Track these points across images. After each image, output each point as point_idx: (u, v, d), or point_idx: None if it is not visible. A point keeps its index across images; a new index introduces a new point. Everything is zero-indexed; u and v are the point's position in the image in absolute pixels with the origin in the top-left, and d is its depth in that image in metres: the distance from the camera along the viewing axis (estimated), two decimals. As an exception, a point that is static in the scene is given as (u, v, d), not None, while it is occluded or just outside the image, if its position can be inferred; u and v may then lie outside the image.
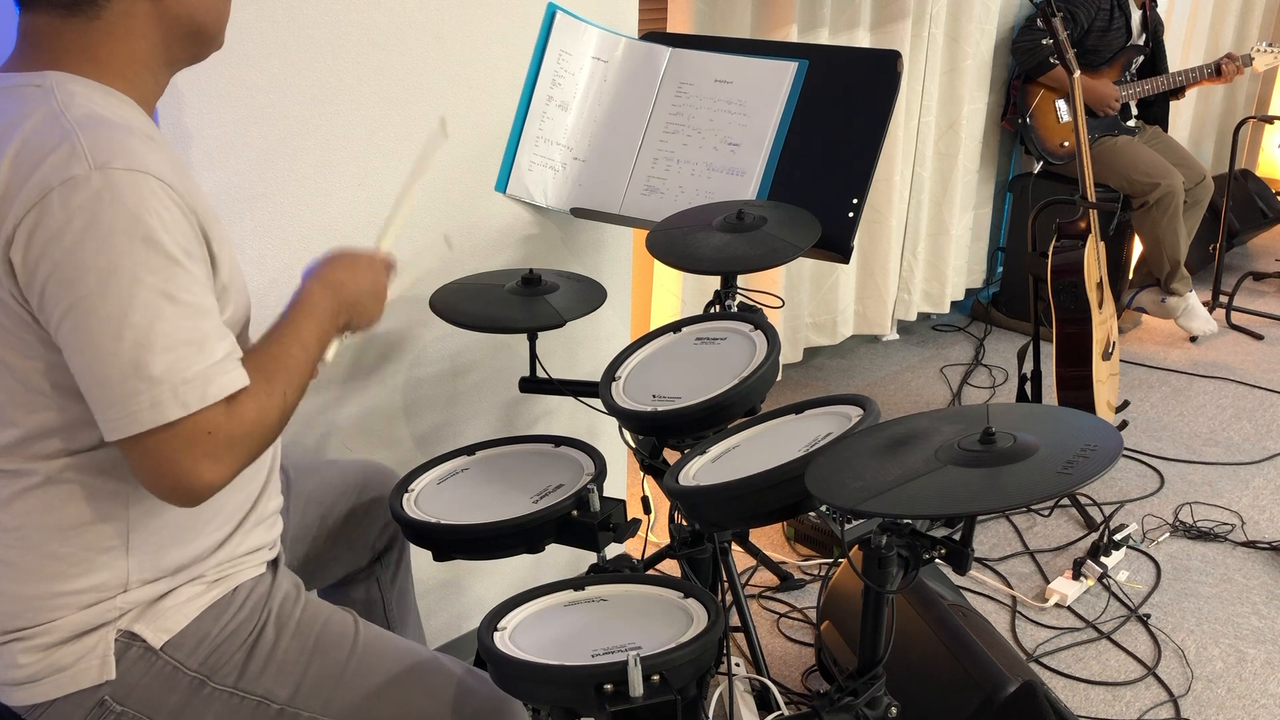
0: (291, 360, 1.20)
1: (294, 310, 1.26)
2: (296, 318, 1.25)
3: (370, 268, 1.36)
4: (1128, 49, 3.75)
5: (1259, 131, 5.34)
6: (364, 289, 1.33)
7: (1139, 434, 3.25)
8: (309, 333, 1.24)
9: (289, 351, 1.20)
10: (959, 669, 1.79)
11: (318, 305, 1.27)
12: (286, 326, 1.24)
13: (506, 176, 2.01)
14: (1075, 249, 2.75)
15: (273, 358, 1.19)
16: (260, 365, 1.16)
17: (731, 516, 1.41)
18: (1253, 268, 4.54)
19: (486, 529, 1.48)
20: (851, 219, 1.88)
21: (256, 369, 1.15)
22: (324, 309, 1.27)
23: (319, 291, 1.28)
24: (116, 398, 1.05)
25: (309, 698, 1.27)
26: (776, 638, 2.34)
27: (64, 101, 1.09)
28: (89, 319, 1.04)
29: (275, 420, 1.15)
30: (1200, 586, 2.54)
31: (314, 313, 1.26)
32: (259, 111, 1.64)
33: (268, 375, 1.16)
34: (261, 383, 1.14)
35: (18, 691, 1.19)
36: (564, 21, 2.03)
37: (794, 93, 1.99)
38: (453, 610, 2.19)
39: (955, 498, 1.15)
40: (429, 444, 2.03)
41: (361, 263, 1.35)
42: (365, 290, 1.33)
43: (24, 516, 1.16)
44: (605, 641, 1.29)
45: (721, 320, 1.68)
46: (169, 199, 1.07)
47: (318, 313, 1.26)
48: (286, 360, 1.19)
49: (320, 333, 1.26)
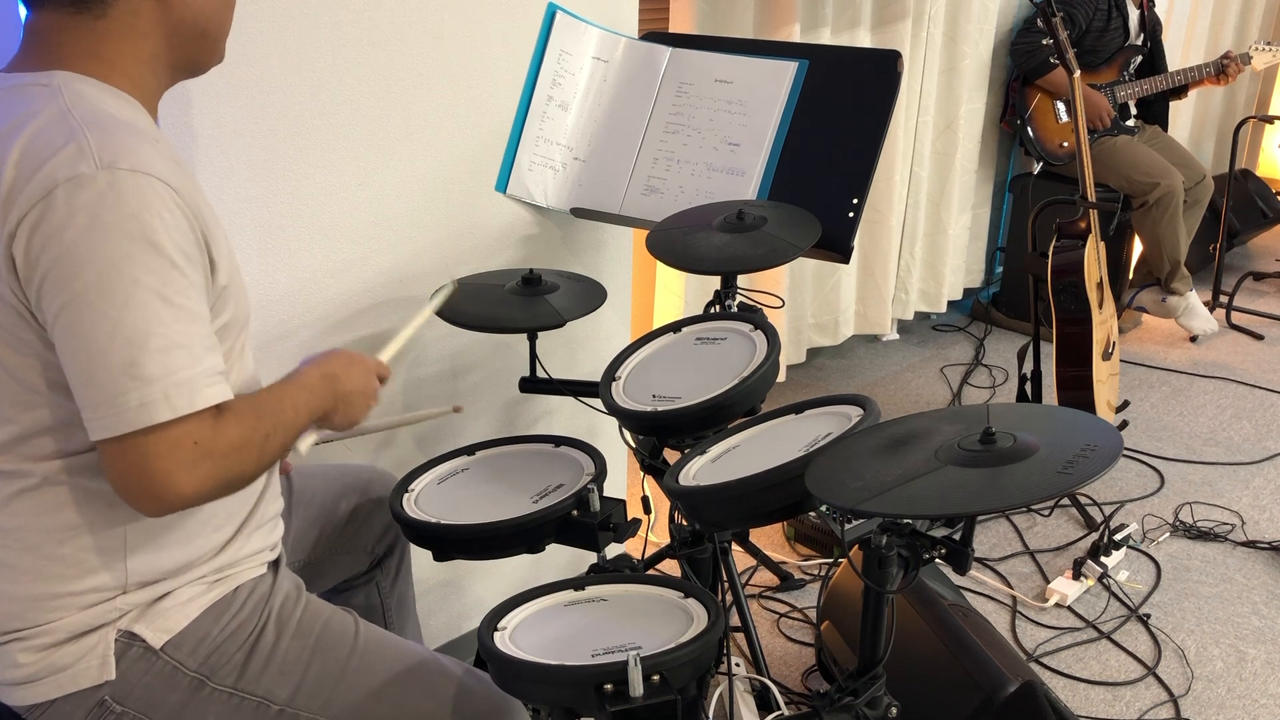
0: (281, 414, 1.20)
1: (288, 379, 1.27)
2: (290, 385, 1.26)
3: (366, 371, 1.36)
4: (1126, 49, 3.75)
5: (1259, 131, 5.34)
6: (356, 388, 1.34)
7: (1139, 434, 3.25)
8: (300, 400, 1.24)
9: (280, 406, 1.21)
10: (959, 669, 1.79)
11: (312, 385, 1.28)
12: (280, 388, 1.25)
13: (506, 176, 2.01)
14: (1075, 249, 2.75)
15: (265, 403, 1.20)
16: (254, 403, 1.17)
17: (731, 516, 1.41)
18: (1253, 268, 4.54)
19: (486, 529, 1.48)
20: (852, 219, 1.88)
21: (249, 404, 1.16)
22: (316, 391, 1.28)
23: (315, 375, 1.29)
24: (106, 396, 1.05)
25: (309, 698, 1.27)
26: (776, 638, 2.34)
27: (71, 100, 1.09)
28: (84, 315, 1.04)
29: (254, 456, 1.15)
30: (1200, 586, 2.54)
31: (307, 387, 1.27)
32: (259, 111, 1.64)
33: (258, 413, 1.16)
34: (251, 416, 1.15)
35: (18, 691, 1.19)
36: (564, 21, 2.03)
37: (794, 93, 1.99)
38: (453, 610, 2.19)
39: (955, 498, 1.15)
40: (429, 444, 2.03)
41: (358, 364, 1.36)
42: (356, 390, 1.34)
43: (22, 518, 1.16)
44: (605, 641, 1.29)
45: (721, 320, 1.68)
46: (172, 202, 1.08)
47: (310, 388, 1.27)
48: (277, 411, 1.20)
49: (309, 407, 1.26)
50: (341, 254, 1.81)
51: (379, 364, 1.40)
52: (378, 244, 1.85)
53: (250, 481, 1.18)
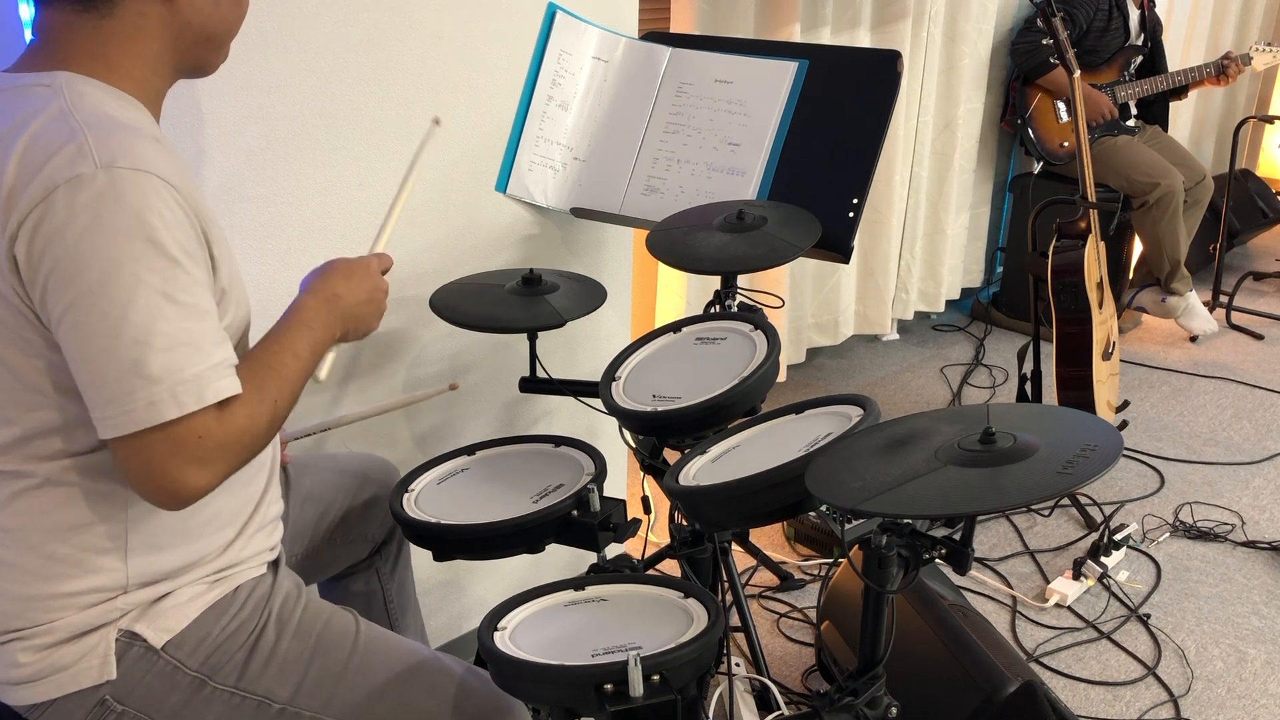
0: (284, 369, 1.20)
1: (288, 320, 1.27)
2: (291, 328, 1.25)
3: (366, 275, 1.36)
4: (1126, 49, 3.75)
5: (1259, 131, 5.34)
6: (360, 299, 1.34)
7: (1139, 434, 3.25)
8: (303, 343, 1.24)
9: (282, 360, 1.21)
10: (959, 669, 1.79)
11: (313, 317, 1.27)
12: (280, 336, 1.24)
13: (506, 176, 2.02)
14: (1075, 249, 2.75)
15: (265, 365, 1.19)
16: (252, 373, 1.17)
17: (731, 516, 1.41)
18: (1253, 268, 4.54)
19: (486, 529, 1.48)
20: (852, 219, 1.88)
21: (249, 376, 1.15)
22: (319, 321, 1.28)
23: (314, 304, 1.29)
24: (113, 395, 1.05)
25: (310, 697, 1.27)
26: (776, 638, 2.35)
27: (73, 101, 1.09)
28: (89, 315, 1.04)
29: (264, 428, 1.16)
30: (1200, 586, 2.54)
31: (309, 323, 1.27)
32: (259, 111, 1.64)
33: (259, 383, 1.16)
34: (253, 391, 1.15)
35: (18, 691, 1.19)
36: (564, 21, 2.03)
37: (794, 93, 1.99)
38: (453, 610, 2.19)
39: (955, 498, 1.15)
40: (429, 444, 2.03)
41: (357, 272, 1.35)
42: (361, 300, 1.34)
43: (23, 518, 1.16)
44: (605, 641, 1.29)
45: (721, 320, 1.68)
46: (173, 200, 1.08)
47: (313, 324, 1.27)
48: (279, 369, 1.20)
49: (314, 344, 1.26)
50: (341, 254, 1.80)
51: (379, 257, 1.39)
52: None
53: (266, 444, 1.17)
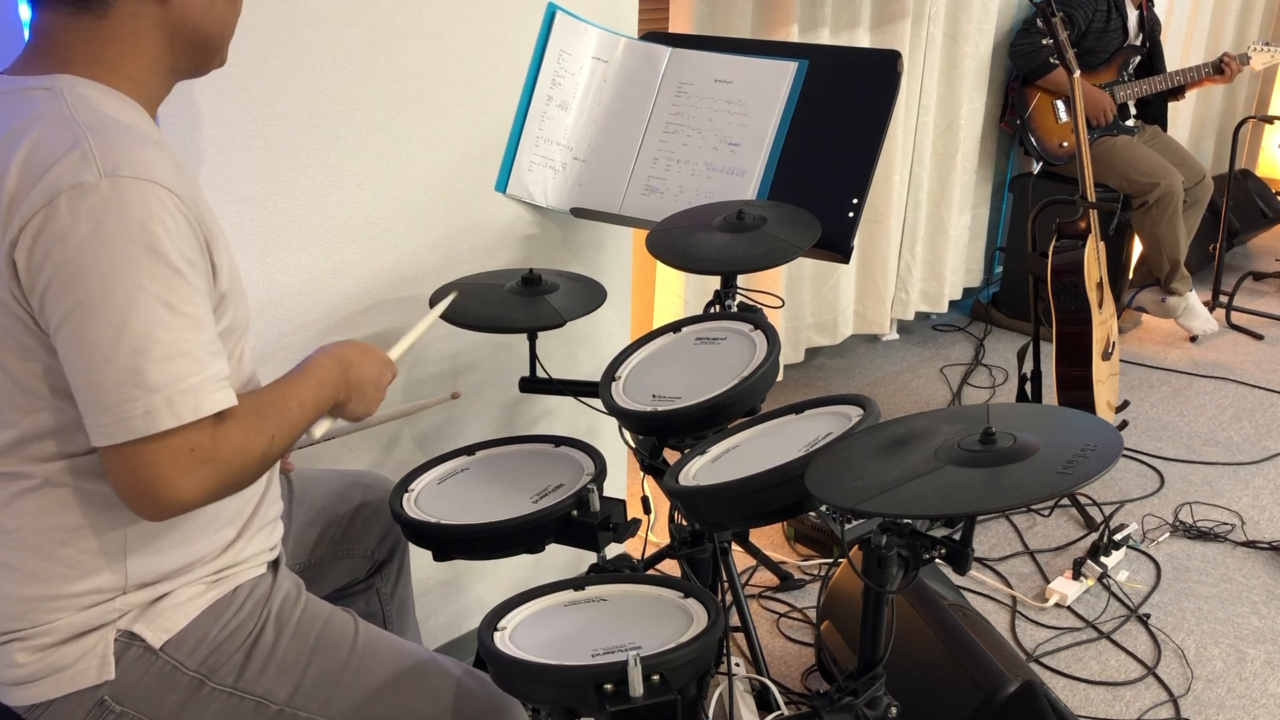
0: (288, 412, 1.21)
1: (300, 371, 1.27)
2: (301, 377, 1.26)
3: (379, 360, 1.37)
4: (1125, 49, 3.75)
5: (1259, 131, 5.34)
6: (369, 375, 1.34)
7: (1139, 434, 3.25)
8: (308, 394, 1.25)
9: (286, 403, 1.21)
10: (959, 669, 1.79)
11: (323, 374, 1.28)
12: (290, 381, 1.25)
13: (506, 176, 2.01)
14: (1075, 249, 2.75)
15: (269, 401, 1.20)
16: (257, 405, 1.17)
17: (731, 516, 1.41)
18: (1253, 268, 4.54)
19: (486, 529, 1.48)
20: (852, 219, 1.88)
21: (252, 407, 1.16)
22: (328, 379, 1.28)
23: (328, 363, 1.30)
24: (110, 403, 1.05)
25: (308, 698, 1.27)
26: (776, 638, 2.34)
27: (74, 106, 1.09)
28: (88, 322, 1.04)
29: (257, 458, 1.15)
30: (1200, 586, 2.54)
31: (318, 378, 1.27)
32: (259, 111, 1.64)
33: (261, 414, 1.17)
34: (253, 418, 1.15)
35: (17, 691, 1.19)
36: (564, 21, 2.03)
37: (794, 93, 1.99)
38: (453, 610, 2.19)
39: (955, 498, 1.15)
40: (429, 444, 2.03)
41: (371, 352, 1.37)
42: (369, 377, 1.35)
43: (22, 519, 1.16)
44: (605, 641, 1.29)
45: (721, 320, 1.68)
46: (175, 209, 1.08)
47: (321, 379, 1.27)
48: (283, 409, 1.20)
49: (318, 399, 1.26)
50: (341, 254, 1.81)
51: (389, 360, 1.41)
52: (378, 244, 1.85)
53: (254, 480, 1.17)
